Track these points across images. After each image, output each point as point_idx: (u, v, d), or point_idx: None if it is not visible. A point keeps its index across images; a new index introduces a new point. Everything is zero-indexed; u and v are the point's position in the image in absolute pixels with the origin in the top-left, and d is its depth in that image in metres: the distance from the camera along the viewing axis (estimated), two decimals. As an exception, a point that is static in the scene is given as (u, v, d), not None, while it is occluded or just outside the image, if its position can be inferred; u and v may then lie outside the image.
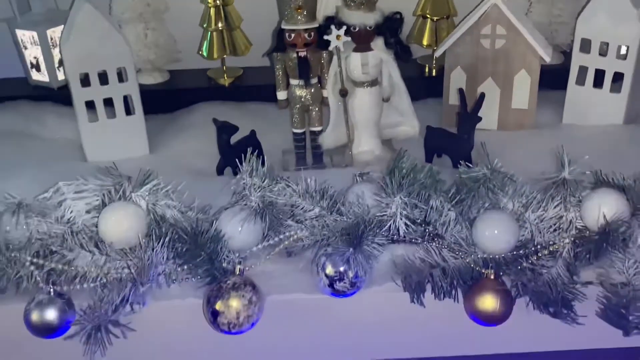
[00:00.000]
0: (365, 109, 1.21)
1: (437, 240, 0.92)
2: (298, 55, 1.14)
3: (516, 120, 1.34)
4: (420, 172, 0.92)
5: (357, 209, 0.89)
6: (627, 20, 1.21)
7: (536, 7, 1.49)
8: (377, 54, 1.16)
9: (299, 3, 1.11)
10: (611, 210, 0.87)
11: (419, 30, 1.50)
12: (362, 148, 1.24)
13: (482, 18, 1.28)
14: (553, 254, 0.90)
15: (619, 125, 1.31)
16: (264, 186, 0.92)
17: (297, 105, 1.19)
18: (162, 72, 1.52)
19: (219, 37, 1.45)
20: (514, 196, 0.91)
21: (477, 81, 1.33)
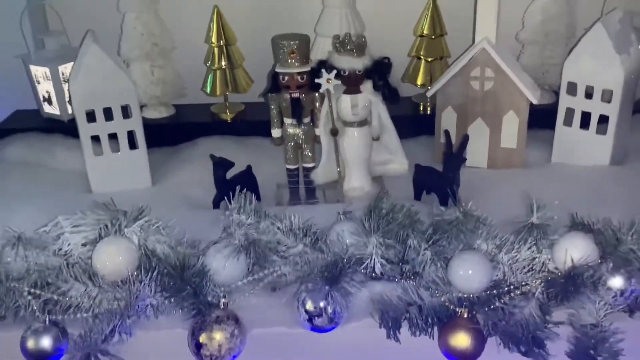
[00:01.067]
0: (355, 147, 1.26)
1: (414, 278, 0.96)
2: (291, 97, 1.20)
3: (505, 159, 1.38)
4: (399, 212, 0.97)
5: (337, 248, 0.94)
6: (610, 66, 1.26)
7: (528, 49, 1.54)
8: (366, 96, 1.22)
9: (292, 48, 1.17)
10: (579, 254, 0.90)
11: (413, 70, 1.55)
12: (352, 184, 1.28)
13: (471, 61, 1.33)
14: (525, 294, 0.93)
15: (605, 165, 1.34)
16: (250, 223, 0.97)
17: (291, 142, 1.25)
18: (168, 106, 1.59)
19: (222, 75, 1.51)
20: (488, 238, 0.95)
21: (467, 121, 1.38)
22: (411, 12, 1.54)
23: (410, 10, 1.55)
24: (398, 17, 1.58)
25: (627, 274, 0.91)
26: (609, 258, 0.93)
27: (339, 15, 1.46)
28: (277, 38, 1.19)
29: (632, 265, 0.92)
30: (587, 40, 1.27)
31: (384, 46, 1.55)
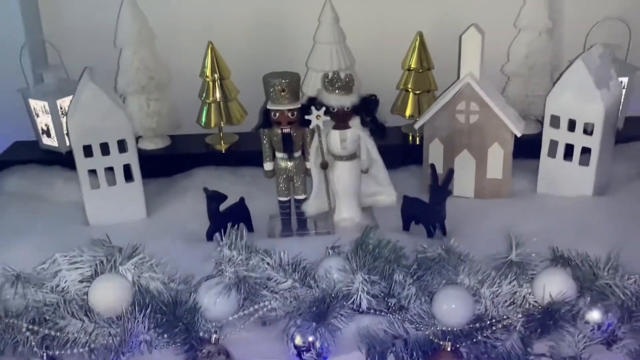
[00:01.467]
0: (345, 180, 1.30)
1: (400, 312, 0.99)
2: (282, 132, 1.24)
3: (491, 189, 1.42)
4: (385, 248, 1.00)
5: (325, 284, 0.97)
6: (591, 100, 1.30)
7: (513, 81, 1.58)
8: (354, 131, 1.26)
9: (283, 86, 1.21)
10: (557, 289, 0.94)
11: (402, 102, 1.60)
12: (343, 215, 1.32)
13: (457, 95, 1.37)
14: (507, 328, 0.97)
15: (589, 196, 1.38)
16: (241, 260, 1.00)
17: (283, 175, 1.29)
18: (163, 138, 1.63)
19: (216, 107, 1.56)
20: (470, 273, 0.98)
21: (453, 152, 1.42)
22: (399, 47, 1.59)
23: (398, 45, 1.59)
24: (387, 51, 1.63)
25: (604, 308, 0.95)
26: (586, 292, 0.96)
27: (329, 51, 1.50)
28: (268, 76, 1.23)
29: (608, 300, 0.95)
30: (568, 76, 1.32)
31: (374, 79, 1.62)
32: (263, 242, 1.25)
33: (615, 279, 0.96)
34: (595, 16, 1.58)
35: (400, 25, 1.60)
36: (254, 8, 1.63)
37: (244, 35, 1.65)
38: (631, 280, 0.99)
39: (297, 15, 1.62)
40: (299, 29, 1.61)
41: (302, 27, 1.58)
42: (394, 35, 1.62)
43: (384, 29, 1.64)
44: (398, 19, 1.62)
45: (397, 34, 1.60)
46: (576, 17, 1.63)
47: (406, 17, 1.62)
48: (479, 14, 1.53)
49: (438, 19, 1.60)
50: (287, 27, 1.64)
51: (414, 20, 1.59)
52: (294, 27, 1.63)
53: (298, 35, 1.61)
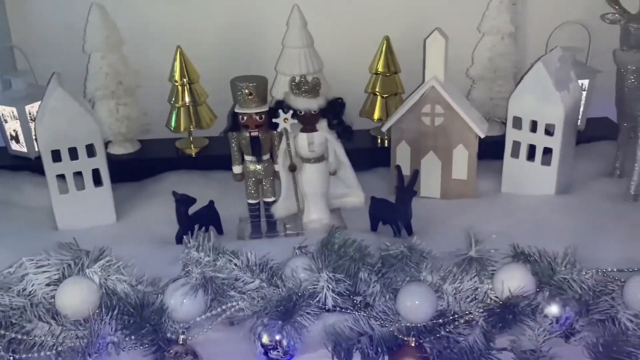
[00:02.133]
0: (313, 182, 1.31)
1: (365, 309, 1.02)
2: (250, 135, 1.26)
3: (457, 190, 1.45)
4: (351, 247, 1.02)
5: (291, 283, 0.99)
6: (551, 102, 1.34)
7: (478, 84, 1.62)
8: (322, 134, 1.28)
9: (250, 90, 1.23)
10: (516, 284, 0.96)
11: (370, 105, 1.62)
12: (311, 217, 1.34)
13: (422, 98, 1.40)
14: (469, 323, 0.99)
15: (551, 195, 1.41)
16: (208, 261, 1.01)
17: (251, 178, 1.30)
18: (133, 142, 1.63)
19: (186, 112, 1.57)
20: (433, 269, 1.01)
21: (420, 154, 1.45)
22: (367, 51, 1.62)
23: (365, 49, 1.62)
24: (355, 55, 1.65)
25: (562, 302, 0.98)
26: (545, 287, 0.99)
27: (297, 55, 1.52)
28: (235, 80, 1.25)
29: (566, 294, 0.98)
30: (529, 78, 1.36)
31: (343, 83, 1.64)
32: (232, 244, 1.27)
33: (573, 274, 0.99)
34: (557, 20, 1.63)
35: (368, 30, 1.63)
36: (223, 12, 1.65)
37: (213, 40, 1.66)
38: (588, 274, 1.03)
39: (266, 19, 1.64)
40: (268, 33, 1.63)
41: (271, 31, 1.60)
42: (361, 39, 1.64)
43: (352, 33, 1.66)
44: (365, 24, 1.65)
45: (364, 39, 1.63)
46: (539, 22, 1.67)
47: (373, 21, 1.64)
48: (445, 18, 1.57)
49: (404, 23, 1.64)
50: (256, 31, 1.66)
51: (381, 25, 1.62)
52: (263, 31, 1.65)
53: (267, 40, 1.63)
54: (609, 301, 0.98)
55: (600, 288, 1.01)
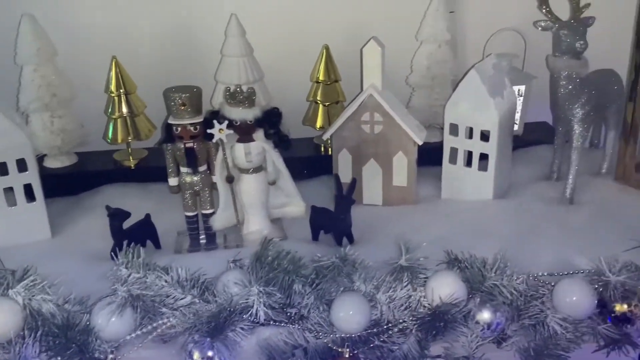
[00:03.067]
0: (251, 192, 1.30)
1: (300, 321, 1.01)
2: (185, 147, 1.24)
3: (398, 197, 1.46)
4: (284, 259, 1.01)
5: (223, 298, 0.97)
6: (486, 109, 1.36)
7: (418, 92, 1.63)
8: (259, 144, 1.27)
9: (183, 100, 1.21)
10: (446, 292, 0.97)
11: (312, 114, 1.62)
12: (251, 228, 1.33)
13: (361, 106, 1.41)
14: (403, 331, 1.00)
15: (489, 200, 1.43)
16: (137, 278, 0.99)
17: (188, 190, 1.28)
18: (70, 155, 1.59)
19: (123, 123, 1.53)
20: (366, 279, 1.00)
21: (361, 162, 1.45)
22: (308, 60, 1.61)
23: (307, 57, 1.61)
24: (296, 64, 1.65)
25: (493, 308, 0.99)
26: (476, 294, 1.00)
27: (236, 64, 1.51)
28: (168, 91, 1.23)
29: (497, 300, 0.99)
30: (463, 86, 1.37)
31: (285, 91, 1.64)
32: (170, 258, 1.25)
33: (503, 280, 1.00)
34: (494, 27, 1.66)
35: (309, 39, 1.63)
36: (162, 20, 1.62)
37: (151, 48, 1.63)
38: (519, 279, 1.04)
39: (206, 27, 1.62)
40: (207, 42, 1.61)
41: (211, 40, 1.58)
42: (302, 48, 1.64)
43: (293, 42, 1.66)
44: (306, 33, 1.65)
45: (305, 47, 1.62)
46: (476, 29, 1.70)
47: (313, 30, 1.64)
48: (384, 27, 1.59)
49: (344, 32, 1.64)
50: (196, 39, 1.64)
51: (321, 34, 1.62)
52: (202, 40, 1.63)
53: (207, 48, 1.61)
54: (539, 305, 1.00)
55: (531, 293, 1.03)
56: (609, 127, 1.56)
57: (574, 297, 0.99)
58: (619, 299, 0.98)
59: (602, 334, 1.00)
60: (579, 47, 1.35)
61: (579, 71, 1.39)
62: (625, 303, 0.98)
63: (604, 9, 1.43)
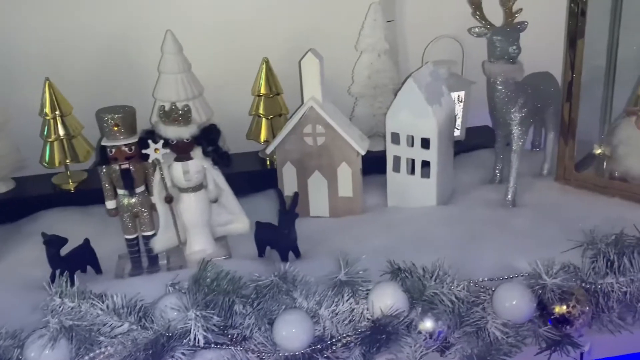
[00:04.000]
0: (192, 212, 1.28)
1: (243, 343, 0.99)
2: (121, 168, 1.21)
3: (345, 207, 1.46)
4: (224, 280, 0.99)
5: (160, 323, 0.95)
6: (424, 117, 1.36)
7: (361, 101, 1.64)
8: (197, 162, 1.25)
9: (116, 121, 1.18)
10: (386, 303, 0.97)
11: (255, 127, 1.61)
12: (194, 248, 1.30)
13: (302, 119, 1.40)
14: (347, 345, 0.99)
15: (433, 206, 1.44)
16: (71, 307, 0.95)
17: (127, 212, 1.25)
18: (6, 181, 1.54)
19: (60, 145, 1.49)
20: (308, 295, 0.99)
21: (305, 174, 1.44)
22: (249, 73, 1.60)
23: (248, 71, 1.60)
24: (237, 78, 1.63)
25: (435, 316, 0.99)
26: (418, 303, 1.00)
27: (174, 81, 1.48)
28: (100, 112, 1.20)
29: (438, 308, 1.00)
30: (401, 95, 1.38)
31: (227, 106, 1.62)
32: (111, 283, 1.22)
33: (443, 287, 1.00)
34: (433, 35, 1.67)
35: (248, 52, 1.61)
36: (97, 40, 1.58)
37: (87, 68, 1.59)
38: (460, 286, 1.04)
39: (143, 45, 1.59)
40: (145, 60, 1.58)
41: (149, 58, 1.56)
42: (242, 61, 1.62)
43: (232, 56, 1.64)
44: (245, 46, 1.63)
45: (245, 61, 1.61)
46: (415, 37, 1.71)
47: (253, 43, 1.63)
48: (324, 38, 1.59)
49: (284, 44, 1.63)
50: (133, 58, 1.60)
51: (261, 47, 1.61)
52: (140, 58, 1.60)
53: (144, 66, 1.58)
54: (480, 312, 1.00)
55: (472, 299, 1.03)
56: (548, 128, 1.59)
57: (514, 302, 1.00)
58: (557, 301, 0.99)
59: (543, 336, 1.02)
60: (513, 52, 1.37)
61: (514, 75, 1.41)
62: (564, 304, 0.99)
63: (535, 13, 1.45)
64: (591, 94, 1.58)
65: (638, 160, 1.47)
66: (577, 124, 1.50)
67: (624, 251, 1.08)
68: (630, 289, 1.01)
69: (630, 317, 1.05)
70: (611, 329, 1.04)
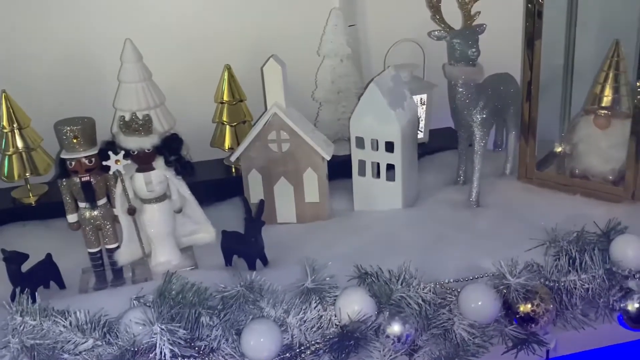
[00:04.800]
0: (156, 223, 1.26)
1: (210, 354, 0.98)
2: (81, 181, 1.19)
3: (312, 213, 1.45)
4: (189, 292, 0.98)
5: (125, 339, 0.93)
6: (388, 121, 1.37)
7: (325, 106, 1.64)
8: (160, 173, 1.23)
9: (75, 133, 1.16)
10: (354, 309, 0.97)
11: (219, 135, 1.59)
12: (159, 260, 1.28)
13: (266, 126, 1.39)
14: (316, 352, 0.98)
15: (399, 209, 1.45)
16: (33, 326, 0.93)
17: (89, 226, 1.23)
18: (-36, 196, 1.50)
19: (19, 158, 1.46)
20: (275, 304, 0.99)
21: (271, 181, 1.44)
22: (210, 81, 1.59)
23: (210, 78, 1.59)
24: (200, 85, 1.62)
25: (402, 320, 0.99)
26: (385, 307, 1.00)
27: (135, 90, 1.46)
28: (58, 124, 1.18)
29: (405, 312, 1.00)
30: (364, 100, 1.39)
31: (190, 114, 1.60)
32: (74, 298, 1.20)
33: (410, 291, 1.01)
34: (395, 39, 1.68)
35: (210, 59, 1.60)
36: (54, 51, 1.55)
37: (45, 79, 1.56)
38: (427, 288, 1.05)
39: (101, 54, 1.56)
40: (104, 69, 1.56)
41: (108, 67, 1.53)
42: (205, 68, 1.61)
43: (194, 63, 1.63)
44: (207, 53, 1.62)
45: (207, 68, 1.60)
46: (378, 41, 1.72)
47: (214, 50, 1.62)
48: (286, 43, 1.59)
49: (246, 50, 1.62)
50: (92, 67, 1.58)
51: (223, 53, 1.60)
52: (99, 68, 1.57)
53: (104, 76, 1.56)
54: (446, 313, 1.01)
55: (439, 301, 1.04)
56: (509, 128, 1.62)
57: (479, 302, 1.01)
58: (521, 300, 1.00)
59: (509, 336, 1.03)
60: (472, 55, 1.39)
61: (474, 78, 1.43)
62: (528, 303, 1.01)
63: (493, 15, 1.47)
64: (550, 93, 1.62)
65: (597, 158, 1.51)
66: (537, 124, 1.53)
67: (585, 248, 1.10)
68: (592, 285, 1.03)
69: (593, 313, 1.07)
70: (575, 325, 1.06)
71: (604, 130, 1.50)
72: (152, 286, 1.10)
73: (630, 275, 1.06)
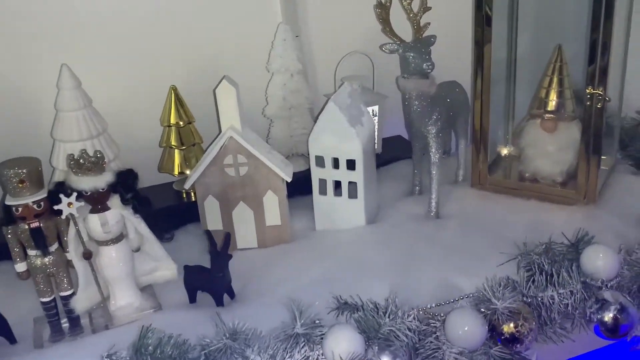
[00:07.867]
0: (114, 265, 1.17)
1: (195, 409, 0.92)
2: (30, 227, 1.09)
3: (273, 236, 1.41)
4: (168, 345, 0.92)
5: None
6: (348, 139, 1.34)
7: (276, 123, 1.59)
8: (115, 212, 1.15)
9: (21, 177, 1.06)
10: (343, 349, 0.94)
11: (168, 159, 1.51)
12: (119, 304, 1.20)
13: (222, 150, 1.33)
14: (304, 397, 0.95)
15: (362, 226, 1.43)
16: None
17: (40, 274, 1.13)
18: None
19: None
20: (261, 351, 0.94)
21: (230, 206, 1.38)
22: (155, 103, 1.50)
23: (154, 101, 1.50)
24: (144, 107, 1.53)
25: (392, 354, 0.97)
26: (373, 342, 0.98)
27: (74, 118, 1.35)
28: (1, 167, 1.07)
29: (394, 344, 0.98)
30: (323, 119, 1.35)
31: (134, 140, 1.51)
32: (29, 356, 1.10)
33: (397, 323, 0.99)
34: (343, 51, 1.65)
35: (154, 81, 1.51)
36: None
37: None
38: (410, 316, 1.03)
39: (36, 83, 1.44)
40: (40, 97, 1.44)
41: (43, 95, 1.42)
42: (149, 91, 1.52)
43: (137, 86, 1.53)
44: (151, 74, 1.53)
45: (152, 91, 1.51)
46: (325, 54, 1.68)
47: (159, 71, 1.53)
48: (233, 60, 1.53)
49: (192, 69, 1.55)
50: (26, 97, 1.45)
51: (168, 73, 1.51)
52: (33, 96, 1.45)
53: (40, 105, 1.44)
54: (434, 341, 1.00)
55: (423, 327, 1.03)
56: (459, 136, 1.63)
57: (466, 328, 1.00)
58: (505, 321, 1.01)
59: (494, 356, 1.03)
60: (427, 68, 1.38)
61: (428, 90, 1.42)
62: (512, 323, 1.01)
63: (442, 23, 1.47)
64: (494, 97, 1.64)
65: (546, 161, 1.55)
66: (488, 131, 1.55)
67: (556, 259, 1.11)
68: (570, 301, 1.05)
69: (570, 324, 1.09)
70: (555, 340, 1.07)
71: (551, 134, 1.54)
72: (118, 338, 1.03)
73: (604, 285, 1.09)
